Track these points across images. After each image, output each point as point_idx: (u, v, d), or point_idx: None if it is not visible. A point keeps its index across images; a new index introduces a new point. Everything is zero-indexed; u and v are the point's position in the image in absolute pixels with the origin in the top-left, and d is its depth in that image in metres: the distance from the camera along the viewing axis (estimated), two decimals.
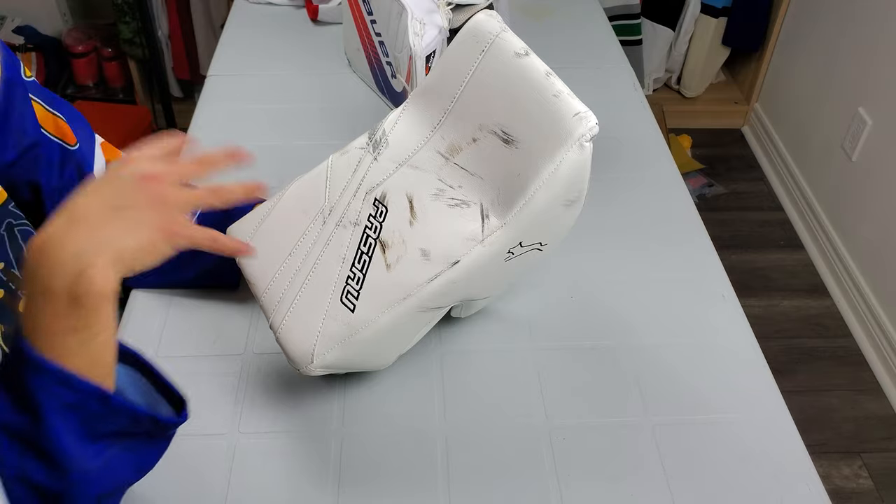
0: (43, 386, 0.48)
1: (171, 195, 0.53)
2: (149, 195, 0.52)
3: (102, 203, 0.50)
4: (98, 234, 0.49)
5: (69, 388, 0.49)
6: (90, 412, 0.50)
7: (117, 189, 0.51)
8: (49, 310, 0.48)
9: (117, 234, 0.49)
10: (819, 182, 2.17)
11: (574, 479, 0.71)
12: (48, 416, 0.49)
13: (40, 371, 0.48)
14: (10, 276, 0.64)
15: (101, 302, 0.48)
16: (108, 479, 0.54)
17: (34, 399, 0.48)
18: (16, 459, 0.50)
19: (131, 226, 0.50)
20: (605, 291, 0.89)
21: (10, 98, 0.66)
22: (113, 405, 0.51)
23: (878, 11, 1.92)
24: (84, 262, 0.47)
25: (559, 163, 0.63)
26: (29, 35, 2.34)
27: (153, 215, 0.51)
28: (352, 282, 0.69)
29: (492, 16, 0.70)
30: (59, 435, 0.49)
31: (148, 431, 0.55)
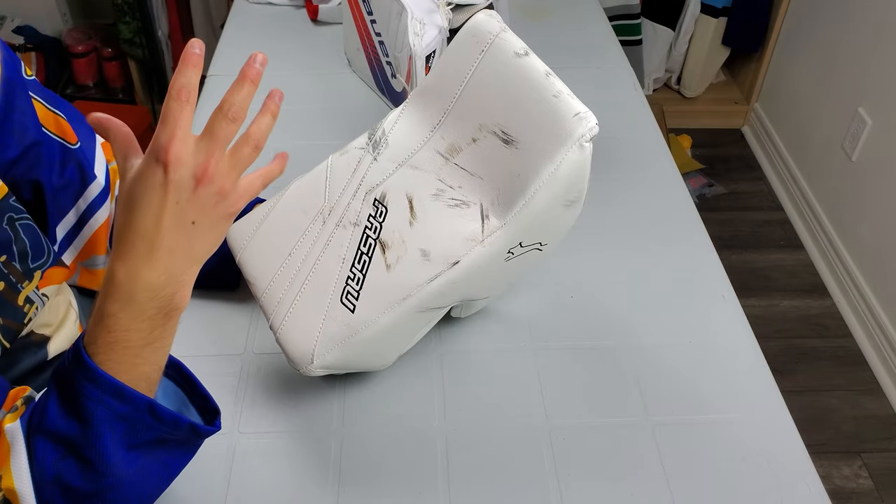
0: (99, 397, 0.50)
1: (226, 182, 0.52)
2: (210, 197, 0.52)
3: (173, 225, 0.51)
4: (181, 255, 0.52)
5: (123, 401, 0.51)
6: (138, 422, 0.52)
7: (180, 207, 0.51)
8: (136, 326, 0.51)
9: (197, 247, 0.52)
10: (819, 182, 2.17)
11: (574, 479, 0.71)
12: (98, 426, 0.51)
13: (98, 383, 0.50)
14: (11, 269, 0.64)
15: (182, 312, 0.53)
16: (139, 485, 0.55)
17: (87, 409, 0.50)
18: (55, 463, 0.51)
19: (205, 232, 0.52)
20: (605, 291, 0.89)
21: (11, 97, 0.66)
22: (161, 415, 0.53)
23: (878, 11, 1.92)
24: (176, 284, 0.52)
25: (559, 163, 0.63)
26: (29, 35, 2.34)
27: (219, 211, 0.53)
28: (352, 282, 0.69)
29: (491, 16, 0.70)
30: (105, 444, 0.51)
31: (184, 439, 0.57)
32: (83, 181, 0.75)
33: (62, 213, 0.74)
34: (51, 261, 0.69)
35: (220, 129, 0.51)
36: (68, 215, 0.75)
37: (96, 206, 0.76)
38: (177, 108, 0.49)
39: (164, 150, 0.49)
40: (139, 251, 0.50)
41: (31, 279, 0.66)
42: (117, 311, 0.51)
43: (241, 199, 0.54)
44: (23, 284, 0.65)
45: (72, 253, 0.76)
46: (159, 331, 0.52)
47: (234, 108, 0.51)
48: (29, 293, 0.66)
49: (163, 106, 0.49)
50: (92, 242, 0.77)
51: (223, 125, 0.51)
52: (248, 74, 0.51)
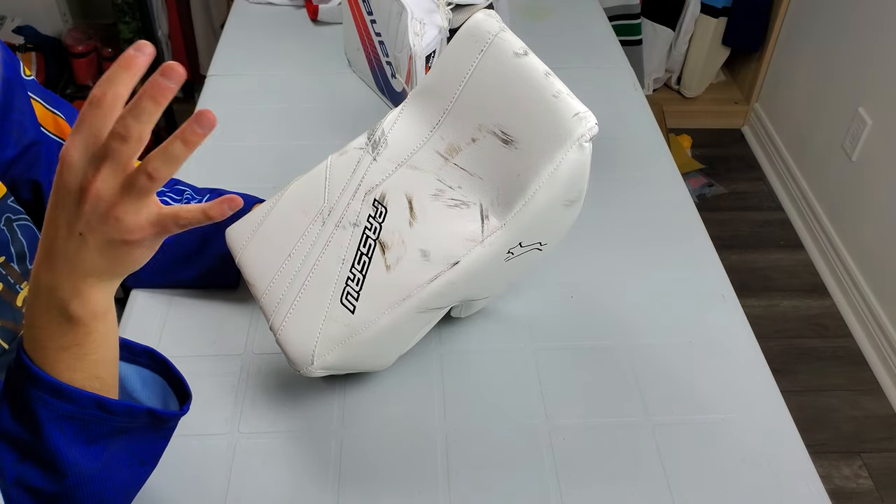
0: (40, 397, 0.50)
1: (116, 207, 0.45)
2: (95, 216, 0.45)
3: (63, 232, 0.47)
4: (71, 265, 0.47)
5: (65, 400, 0.50)
6: (88, 418, 0.51)
7: (67, 216, 0.46)
8: (47, 327, 0.49)
9: (89, 261, 0.47)
10: (819, 182, 2.17)
11: (574, 479, 0.71)
12: (45, 426, 0.50)
13: (38, 383, 0.50)
14: (9, 271, 0.64)
15: (94, 322, 0.49)
16: (109, 478, 0.55)
17: (32, 410, 0.50)
18: (14, 466, 0.51)
19: (96, 249, 0.47)
20: (605, 291, 0.89)
21: (10, 97, 0.66)
22: (109, 407, 0.52)
23: (878, 11, 1.92)
24: (70, 289, 0.48)
25: (559, 163, 0.63)
26: (29, 35, 2.34)
27: (106, 234, 0.46)
28: (351, 283, 0.69)
29: (490, 15, 0.70)
30: (56, 443, 0.50)
31: (146, 425, 0.56)
32: None
33: None
34: None
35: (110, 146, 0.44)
36: None
37: None
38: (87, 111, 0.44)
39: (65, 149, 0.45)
40: (40, 251, 0.48)
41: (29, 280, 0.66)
42: (30, 305, 0.50)
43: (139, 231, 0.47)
44: (21, 286, 0.65)
45: None
46: (69, 337, 0.49)
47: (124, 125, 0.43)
48: (27, 294, 0.66)
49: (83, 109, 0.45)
50: None
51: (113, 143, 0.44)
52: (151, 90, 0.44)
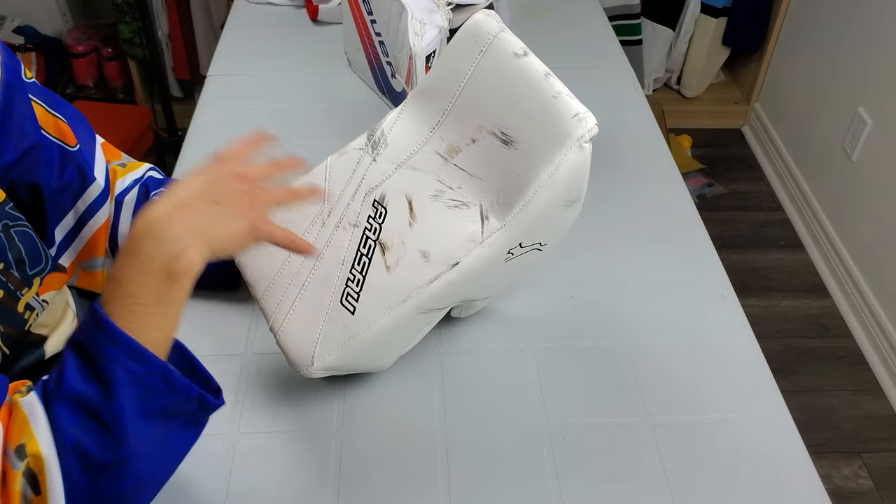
0: (118, 358, 0.52)
1: (260, 195, 0.60)
2: (242, 193, 0.59)
3: (203, 195, 0.57)
4: (197, 222, 0.55)
5: (141, 362, 0.52)
6: (152, 387, 0.53)
7: (216, 184, 0.58)
8: (145, 280, 0.54)
9: (212, 224, 0.56)
10: (819, 182, 2.17)
11: (574, 479, 0.71)
12: (117, 388, 0.52)
13: (118, 343, 0.52)
14: (8, 277, 0.64)
15: (189, 281, 0.55)
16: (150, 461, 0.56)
17: (107, 369, 0.52)
18: (74, 430, 0.52)
19: (225, 218, 0.57)
20: (605, 291, 0.89)
21: (11, 100, 0.66)
22: (174, 381, 0.54)
23: (878, 12, 1.92)
24: (184, 244, 0.54)
25: (559, 164, 0.63)
26: (29, 35, 2.34)
27: (243, 211, 0.58)
28: (352, 284, 0.69)
29: (490, 15, 0.70)
30: (122, 407, 0.52)
31: (192, 412, 0.58)
32: (82, 183, 0.74)
33: (61, 214, 0.74)
34: (49, 267, 0.69)
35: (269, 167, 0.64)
36: (67, 217, 0.75)
37: (96, 208, 0.76)
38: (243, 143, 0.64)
39: (222, 151, 0.62)
40: (165, 204, 0.55)
41: (31, 286, 0.66)
42: (129, 262, 0.54)
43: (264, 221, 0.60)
44: (22, 292, 0.65)
45: (70, 255, 0.76)
46: (164, 291, 0.54)
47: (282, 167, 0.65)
48: (29, 300, 0.66)
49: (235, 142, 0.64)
50: (91, 244, 0.77)
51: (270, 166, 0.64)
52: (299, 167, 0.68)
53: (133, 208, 0.79)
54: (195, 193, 0.57)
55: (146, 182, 0.81)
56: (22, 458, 0.51)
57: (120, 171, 0.81)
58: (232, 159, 0.62)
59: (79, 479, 0.52)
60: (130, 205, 0.79)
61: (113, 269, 0.55)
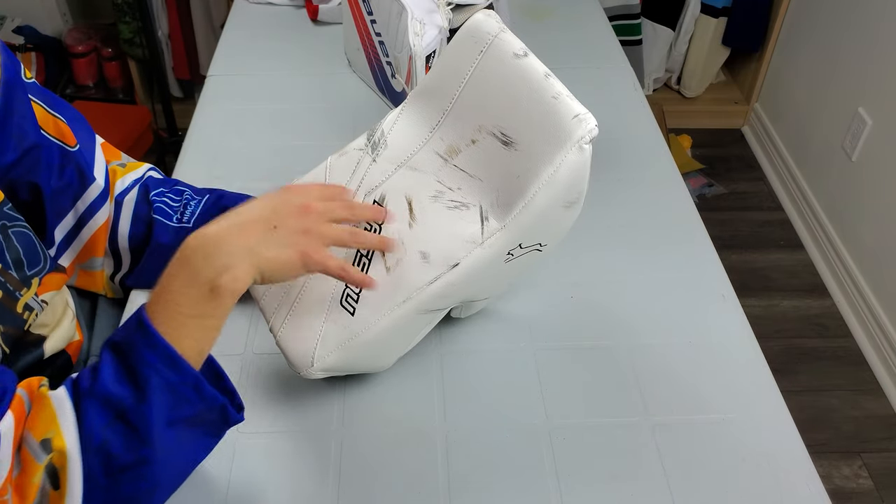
0: (155, 364, 0.53)
1: (318, 228, 0.61)
2: (300, 223, 0.60)
3: (261, 218, 0.59)
4: (250, 242, 0.57)
5: (176, 370, 0.53)
6: (182, 396, 0.54)
7: (277, 210, 0.60)
8: (189, 291, 0.55)
9: (264, 246, 0.58)
10: (819, 182, 2.17)
11: (574, 479, 0.71)
12: (151, 393, 0.53)
13: (157, 349, 0.53)
14: (7, 278, 0.64)
15: (232, 298, 0.56)
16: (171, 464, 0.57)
17: (143, 374, 0.53)
18: (103, 429, 0.52)
19: (278, 243, 0.59)
20: (605, 291, 0.89)
21: (11, 100, 0.66)
22: (203, 391, 0.56)
23: (878, 12, 1.92)
24: (232, 262, 0.56)
25: (559, 165, 0.63)
26: (29, 35, 2.34)
27: (299, 240, 0.60)
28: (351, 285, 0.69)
29: (490, 16, 0.70)
30: (152, 412, 0.53)
31: (214, 422, 0.59)
32: (82, 183, 0.75)
33: (61, 215, 0.74)
34: (48, 267, 0.69)
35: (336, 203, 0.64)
36: (67, 217, 0.75)
37: (95, 208, 0.76)
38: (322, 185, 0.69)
39: (295, 184, 0.64)
40: (225, 222, 0.58)
41: (29, 286, 0.66)
42: (176, 270, 0.56)
43: (314, 252, 0.60)
44: (21, 292, 0.65)
45: (70, 255, 0.76)
46: (205, 304, 0.55)
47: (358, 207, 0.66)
48: (28, 300, 0.66)
49: None
50: (91, 244, 0.77)
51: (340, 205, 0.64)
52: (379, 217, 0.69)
53: (133, 208, 0.79)
54: (255, 216, 0.59)
55: (146, 182, 0.81)
56: (47, 452, 0.52)
57: (120, 171, 0.81)
58: (302, 191, 0.63)
59: (99, 479, 0.53)
60: (130, 205, 0.79)
61: (163, 273, 0.57)
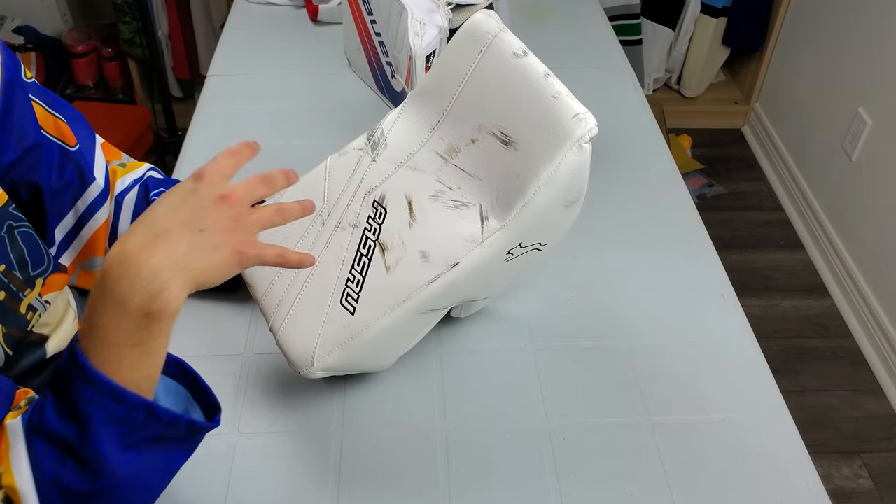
0: (94, 399, 0.49)
1: (245, 218, 0.55)
2: (226, 218, 0.53)
3: (182, 222, 0.52)
4: (177, 254, 0.50)
5: (119, 403, 0.50)
6: (134, 423, 0.51)
7: (197, 209, 0.53)
8: (119, 323, 0.49)
9: (194, 256, 0.51)
10: (819, 182, 2.17)
11: (574, 479, 0.71)
12: (94, 428, 0.50)
13: (94, 383, 0.49)
14: (11, 278, 0.64)
15: (170, 320, 0.51)
16: (140, 483, 0.55)
17: (83, 410, 0.49)
18: (54, 465, 0.51)
19: (208, 248, 0.52)
20: (605, 291, 0.89)
21: (11, 99, 0.66)
22: (158, 414, 0.52)
23: (878, 12, 1.92)
24: (162, 283, 0.49)
25: (558, 164, 0.63)
26: (29, 35, 2.34)
27: (229, 237, 0.53)
28: (351, 284, 0.69)
29: (490, 16, 0.70)
30: (102, 445, 0.50)
31: (182, 436, 0.56)
32: (82, 183, 0.75)
33: (61, 214, 0.74)
34: (51, 268, 0.69)
35: (254, 182, 0.56)
36: (67, 217, 0.75)
37: (95, 208, 0.76)
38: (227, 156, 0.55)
39: (203, 169, 0.54)
40: (142, 236, 0.50)
41: (33, 287, 0.66)
42: (103, 303, 0.50)
43: (250, 246, 0.54)
44: (24, 293, 0.65)
45: (70, 254, 0.76)
46: (144, 332, 0.50)
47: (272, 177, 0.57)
48: (31, 301, 0.66)
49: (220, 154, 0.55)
50: (91, 244, 0.77)
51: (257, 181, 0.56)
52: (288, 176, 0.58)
53: (133, 208, 0.79)
54: (174, 221, 0.52)
55: (146, 182, 0.81)
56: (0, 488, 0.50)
57: (120, 170, 0.81)
58: (214, 178, 0.54)
59: None
60: (130, 204, 0.79)
61: (87, 306, 0.51)
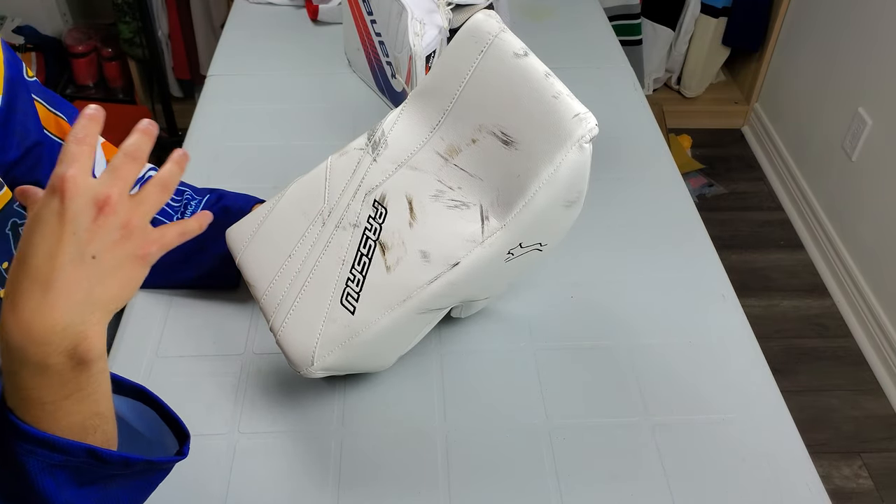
0: (30, 450, 0.47)
1: (132, 215, 0.48)
2: (112, 229, 0.47)
3: (68, 260, 0.45)
4: (78, 299, 0.45)
5: (57, 451, 0.48)
6: (79, 468, 0.49)
7: (77, 236, 0.45)
8: (46, 383, 0.46)
9: (97, 290, 0.46)
10: (819, 182, 2.17)
11: (574, 479, 0.71)
12: (36, 477, 0.48)
13: (26, 438, 0.47)
14: None
15: (100, 362, 0.47)
16: None
17: (20, 462, 0.47)
18: None
19: (107, 273, 0.47)
20: (605, 291, 0.89)
21: (13, 99, 0.66)
22: (104, 457, 0.49)
23: (878, 11, 1.92)
24: (76, 334, 0.45)
25: (559, 164, 0.63)
26: (29, 35, 2.34)
27: (124, 249, 0.47)
28: (352, 284, 0.69)
29: (490, 16, 0.70)
30: (48, 490, 0.48)
31: (140, 472, 0.54)
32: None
33: None
34: None
35: (121, 165, 0.48)
36: None
37: None
38: (76, 149, 0.46)
39: (61, 179, 0.45)
40: (33, 295, 0.44)
41: None
42: (18, 369, 0.45)
43: (151, 244, 0.49)
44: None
45: None
46: (73, 384, 0.46)
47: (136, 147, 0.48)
48: None
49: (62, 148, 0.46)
50: None
51: (125, 162, 0.48)
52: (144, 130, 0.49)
53: None
54: (57, 263, 0.44)
55: (147, 181, 0.81)
56: None
57: None
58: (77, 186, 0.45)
59: None
60: None
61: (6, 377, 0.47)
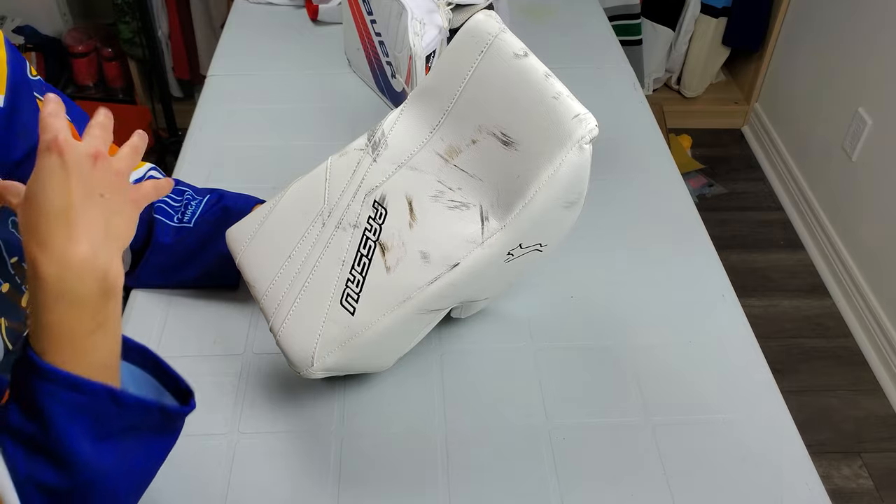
0: (53, 392, 0.49)
1: (120, 168, 0.54)
2: (110, 174, 0.53)
3: (81, 197, 0.50)
4: (100, 230, 0.51)
5: (80, 392, 0.50)
6: (101, 412, 0.51)
7: (83, 178, 0.51)
8: (79, 317, 0.50)
9: (112, 223, 0.52)
10: (819, 182, 2.17)
11: (574, 479, 0.71)
12: (58, 422, 0.49)
13: (50, 378, 0.49)
14: (18, 270, 0.64)
15: (120, 293, 0.52)
16: (122, 475, 0.54)
17: (44, 406, 0.49)
18: (25, 463, 0.50)
19: (116, 210, 0.52)
20: (605, 291, 0.89)
21: (17, 98, 0.66)
22: (123, 401, 0.52)
23: (878, 12, 1.92)
24: (104, 263, 0.50)
25: (559, 165, 0.63)
26: (29, 35, 2.34)
27: (122, 192, 0.54)
28: (351, 284, 0.69)
29: (491, 16, 0.70)
30: (70, 438, 0.50)
31: (157, 424, 0.55)
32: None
33: None
34: None
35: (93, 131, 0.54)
36: None
37: None
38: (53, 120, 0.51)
39: (54, 140, 0.50)
40: (59, 232, 0.49)
41: None
42: (52, 303, 0.49)
43: (135, 190, 0.55)
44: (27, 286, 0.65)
45: None
46: (102, 314, 0.50)
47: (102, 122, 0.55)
48: None
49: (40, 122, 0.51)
50: None
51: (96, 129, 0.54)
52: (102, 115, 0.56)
53: None
54: (73, 199, 0.50)
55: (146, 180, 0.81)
56: None
57: None
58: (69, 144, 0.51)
59: None
60: None
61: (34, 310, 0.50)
